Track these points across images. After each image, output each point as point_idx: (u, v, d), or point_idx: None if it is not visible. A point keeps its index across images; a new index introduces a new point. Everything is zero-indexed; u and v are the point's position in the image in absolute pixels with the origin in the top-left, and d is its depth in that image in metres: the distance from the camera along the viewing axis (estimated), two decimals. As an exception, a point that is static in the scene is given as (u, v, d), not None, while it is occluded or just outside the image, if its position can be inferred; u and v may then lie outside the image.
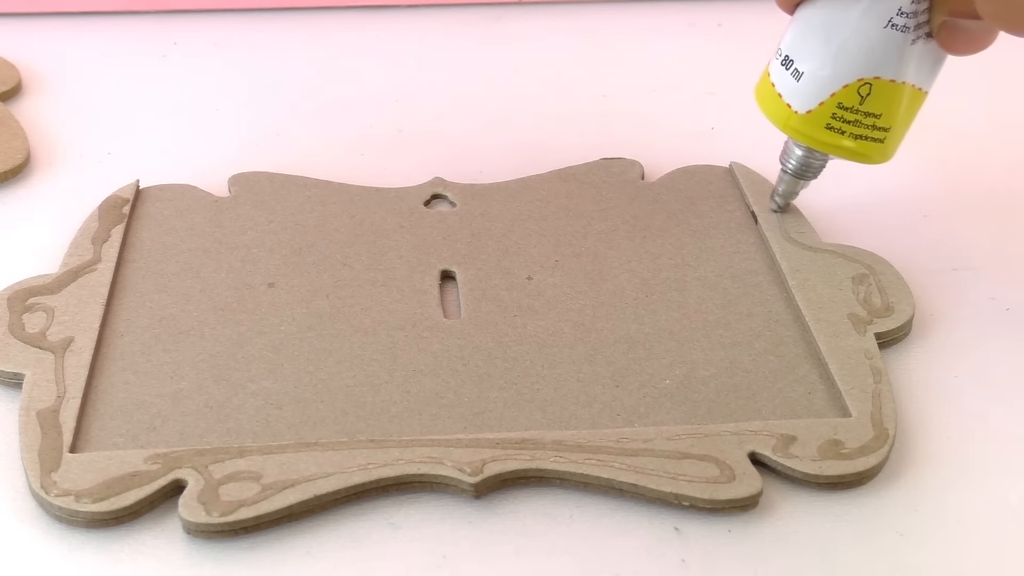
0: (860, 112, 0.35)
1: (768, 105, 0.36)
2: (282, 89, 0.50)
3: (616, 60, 0.53)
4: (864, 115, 0.35)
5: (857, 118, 0.35)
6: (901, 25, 0.33)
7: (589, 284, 0.37)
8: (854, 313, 0.35)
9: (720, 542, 0.29)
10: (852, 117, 0.35)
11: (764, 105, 0.37)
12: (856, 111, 0.35)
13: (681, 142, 0.46)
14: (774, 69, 0.36)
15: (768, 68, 0.37)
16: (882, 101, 0.35)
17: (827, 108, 0.35)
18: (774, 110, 0.36)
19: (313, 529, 0.29)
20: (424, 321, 0.35)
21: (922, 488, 0.31)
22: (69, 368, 0.33)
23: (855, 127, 0.35)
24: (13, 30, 0.53)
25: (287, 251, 0.38)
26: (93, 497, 0.29)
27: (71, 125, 0.46)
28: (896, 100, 0.35)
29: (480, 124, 0.47)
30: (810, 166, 0.38)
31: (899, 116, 0.35)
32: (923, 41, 0.34)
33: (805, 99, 0.35)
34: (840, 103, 0.35)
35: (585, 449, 0.30)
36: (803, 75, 0.35)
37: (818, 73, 0.35)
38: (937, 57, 0.35)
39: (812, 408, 0.32)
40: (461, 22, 0.56)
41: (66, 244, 0.38)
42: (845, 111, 0.35)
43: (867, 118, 0.35)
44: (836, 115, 0.35)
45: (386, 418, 0.32)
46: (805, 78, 0.35)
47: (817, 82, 0.35)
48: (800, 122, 0.36)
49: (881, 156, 0.36)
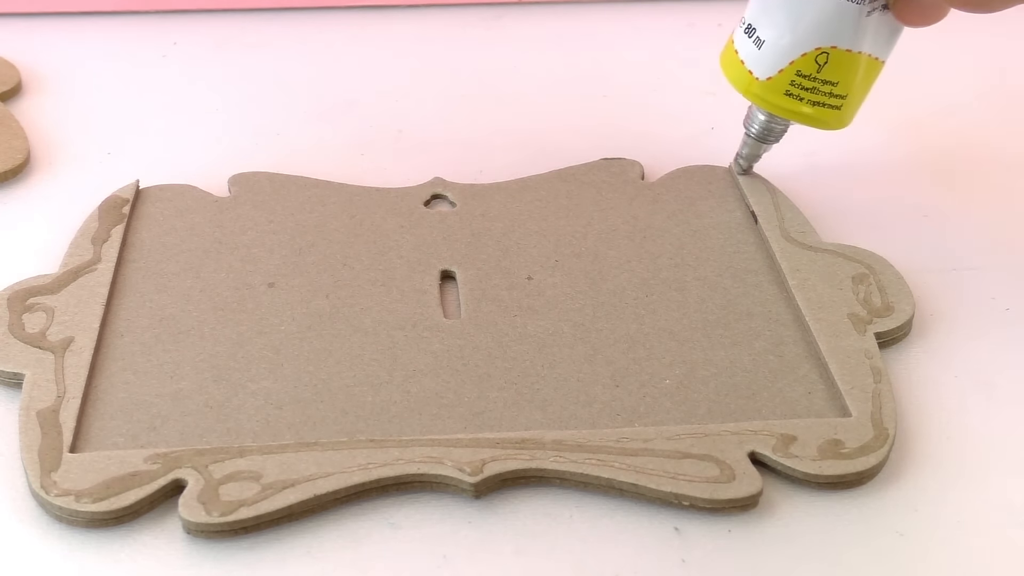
0: (818, 80, 0.36)
1: (731, 71, 0.38)
2: (282, 89, 0.50)
3: (616, 60, 0.53)
4: (821, 83, 0.36)
5: (815, 85, 0.37)
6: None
7: (589, 284, 0.37)
8: (854, 313, 0.35)
9: (720, 542, 0.29)
10: (810, 84, 0.37)
11: (728, 71, 0.38)
12: (814, 79, 0.36)
13: (681, 142, 0.46)
14: (738, 37, 0.38)
15: (732, 36, 0.38)
16: (839, 70, 0.36)
17: (786, 75, 0.37)
18: (737, 76, 0.38)
19: (313, 529, 0.29)
20: (424, 321, 0.35)
21: (922, 488, 0.31)
22: (69, 368, 0.33)
23: (813, 94, 0.37)
24: (13, 30, 0.53)
25: (287, 251, 0.38)
26: (93, 497, 0.29)
27: (71, 125, 0.46)
28: (852, 69, 0.36)
29: (480, 124, 0.47)
30: (772, 130, 0.39)
31: (855, 84, 0.37)
32: (879, 12, 0.35)
33: (766, 66, 0.37)
34: (799, 71, 0.36)
35: (585, 449, 0.30)
36: (764, 43, 0.37)
37: (778, 42, 0.36)
38: (893, 28, 0.36)
39: (812, 408, 0.32)
40: (461, 22, 0.56)
41: (66, 244, 0.38)
42: (803, 78, 0.36)
43: (824, 86, 0.36)
44: (795, 82, 0.37)
45: (386, 418, 0.32)
46: (766, 46, 0.37)
47: (777, 50, 0.36)
48: (761, 88, 0.37)
49: (838, 122, 0.38)
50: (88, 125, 0.47)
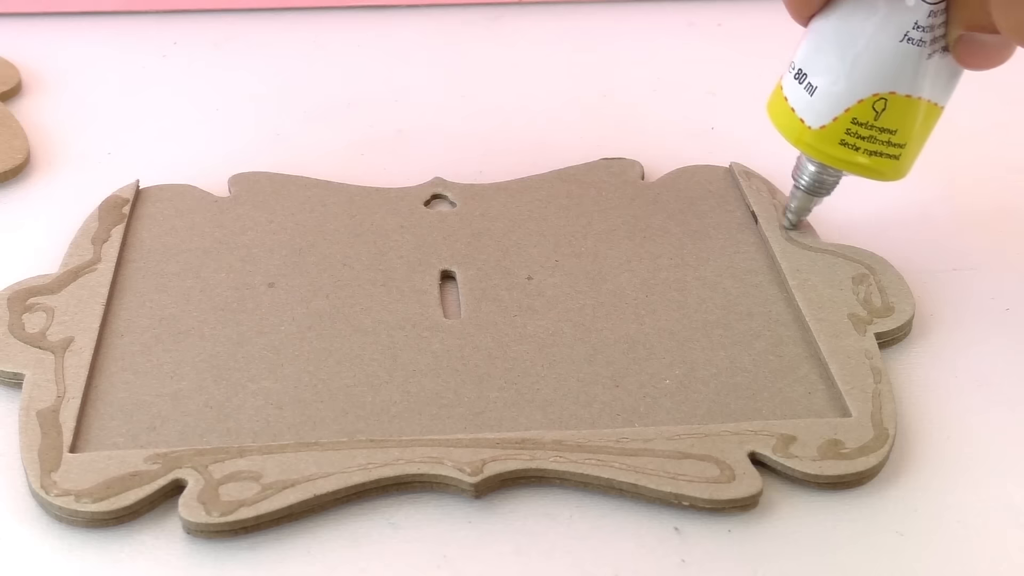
0: (875, 128, 0.34)
1: (781, 119, 0.36)
2: (282, 89, 0.50)
3: (616, 60, 0.53)
4: (879, 131, 0.34)
5: (872, 134, 0.34)
6: (917, 39, 0.33)
7: (589, 284, 0.37)
8: (854, 313, 0.35)
9: (720, 542, 0.29)
10: (867, 133, 0.34)
11: (776, 119, 0.36)
12: (871, 127, 0.34)
13: (681, 142, 0.46)
14: (787, 83, 0.35)
15: (781, 82, 0.36)
16: (897, 117, 0.34)
17: (841, 123, 0.34)
18: (787, 125, 0.35)
19: (313, 529, 0.29)
20: (424, 321, 0.35)
21: (922, 488, 0.31)
22: (69, 368, 0.33)
23: (870, 143, 0.34)
24: (13, 30, 0.53)
25: (287, 251, 0.38)
26: (93, 497, 0.29)
27: (71, 125, 0.46)
28: (912, 116, 0.34)
29: (480, 124, 0.47)
30: (823, 182, 0.37)
31: (914, 132, 0.34)
32: (939, 55, 0.33)
33: (819, 114, 0.34)
34: (854, 118, 0.34)
35: (585, 449, 0.30)
36: (817, 89, 0.34)
37: (832, 88, 0.34)
38: (953, 72, 0.34)
39: (812, 408, 0.32)
40: (461, 22, 0.56)
41: (66, 244, 0.38)
42: (859, 127, 0.34)
43: (882, 134, 0.34)
44: (850, 131, 0.34)
45: (386, 418, 0.32)
46: (819, 92, 0.34)
47: (831, 97, 0.34)
48: (813, 137, 0.35)
49: (895, 173, 0.35)
50: (88, 125, 0.47)
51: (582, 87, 0.50)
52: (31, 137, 0.45)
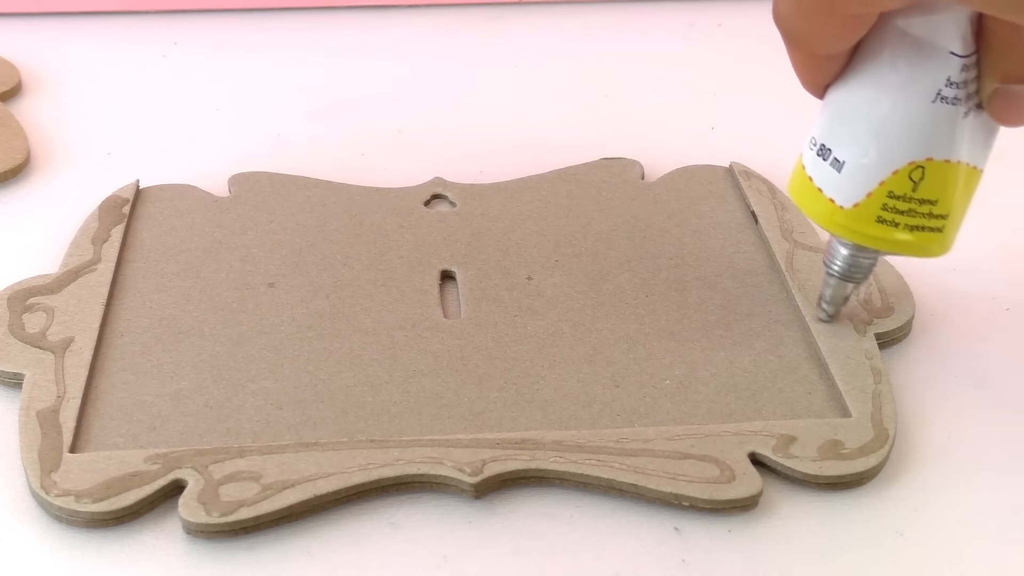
0: (914, 200, 0.30)
1: (807, 201, 0.32)
2: (282, 89, 0.50)
3: (616, 60, 0.53)
4: (918, 203, 0.31)
5: (911, 207, 0.31)
6: (951, 97, 0.29)
7: (589, 284, 0.37)
8: (854, 313, 0.35)
9: (720, 542, 0.29)
10: (905, 206, 0.31)
11: (803, 201, 0.32)
12: (909, 199, 0.30)
13: (681, 142, 0.46)
14: (809, 160, 0.32)
15: (801, 160, 0.32)
16: (937, 185, 0.30)
17: (876, 199, 0.31)
18: (815, 207, 0.32)
19: (313, 529, 0.29)
20: (424, 321, 0.35)
21: (922, 488, 0.31)
22: (69, 368, 0.33)
23: (910, 217, 0.31)
24: (13, 30, 0.53)
25: (287, 251, 0.38)
26: (93, 497, 0.29)
27: (71, 125, 0.46)
28: (952, 182, 0.31)
29: (480, 124, 0.47)
30: (859, 266, 0.33)
31: (956, 200, 0.31)
32: (974, 113, 0.30)
33: (850, 191, 0.31)
34: (891, 192, 0.30)
35: (585, 449, 0.30)
36: (845, 164, 0.31)
37: (862, 161, 0.30)
38: (989, 130, 0.31)
39: (812, 408, 0.32)
40: (461, 22, 0.56)
41: (66, 244, 0.38)
42: (897, 200, 0.30)
43: (922, 205, 0.31)
44: (887, 206, 0.31)
45: (386, 418, 0.32)
46: (848, 168, 0.31)
47: (862, 171, 0.31)
48: (847, 217, 0.31)
49: (940, 247, 0.32)
50: (88, 125, 0.47)
51: (582, 87, 0.50)
52: (31, 137, 0.45)
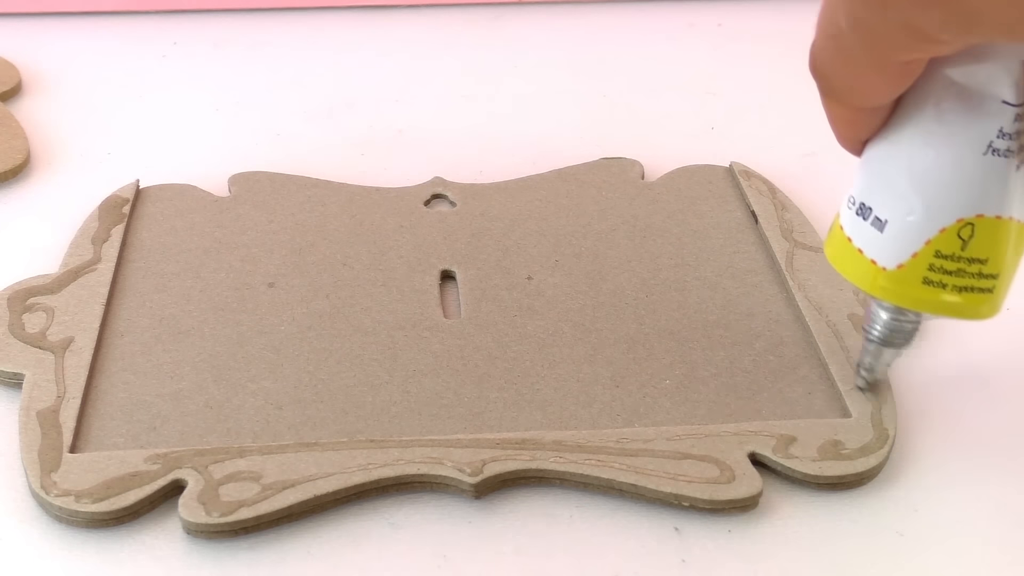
0: (963, 259, 0.28)
1: (846, 264, 0.30)
2: (282, 89, 0.50)
3: (616, 60, 0.53)
4: (967, 262, 0.28)
5: (960, 267, 0.28)
6: (1004, 149, 0.27)
7: (589, 284, 0.37)
8: (854, 313, 0.35)
9: (720, 542, 0.29)
10: (954, 267, 0.28)
11: (841, 264, 0.30)
12: (958, 258, 0.28)
13: (681, 142, 0.46)
14: (847, 220, 0.30)
15: (839, 220, 0.30)
16: (988, 243, 0.28)
17: (922, 259, 0.29)
18: (855, 269, 0.30)
19: (313, 529, 0.29)
20: (424, 321, 0.35)
21: (922, 488, 0.31)
22: (69, 368, 0.33)
23: (958, 278, 0.29)
24: (13, 30, 0.53)
25: (287, 251, 0.38)
26: (93, 497, 0.29)
27: (71, 125, 0.46)
28: (1003, 240, 0.28)
29: (480, 124, 0.47)
30: (901, 330, 0.31)
31: (1008, 258, 0.29)
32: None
33: (894, 252, 0.29)
34: (938, 251, 0.28)
35: (585, 449, 0.30)
36: (888, 224, 0.29)
37: (907, 219, 0.28)
38: None
39: (812, 408, 0.32)
40: (461, 22, 0.56)
41: (66, 244, 0.38)
42: (945, 260, 0.28)
43: (971, 265, 0.28)
44: (934, 266, 0.29)
45: (386, 418, 0.32)
46: (891, 227, 0.29)
47: (907, 230, 0.28)
48: (890, 280, 0.29)
49: (990, 309, 0.29)
50: (88, 125, 0.47)
51: (582, 87, 0.50)
52: (31, 137, 0.45)
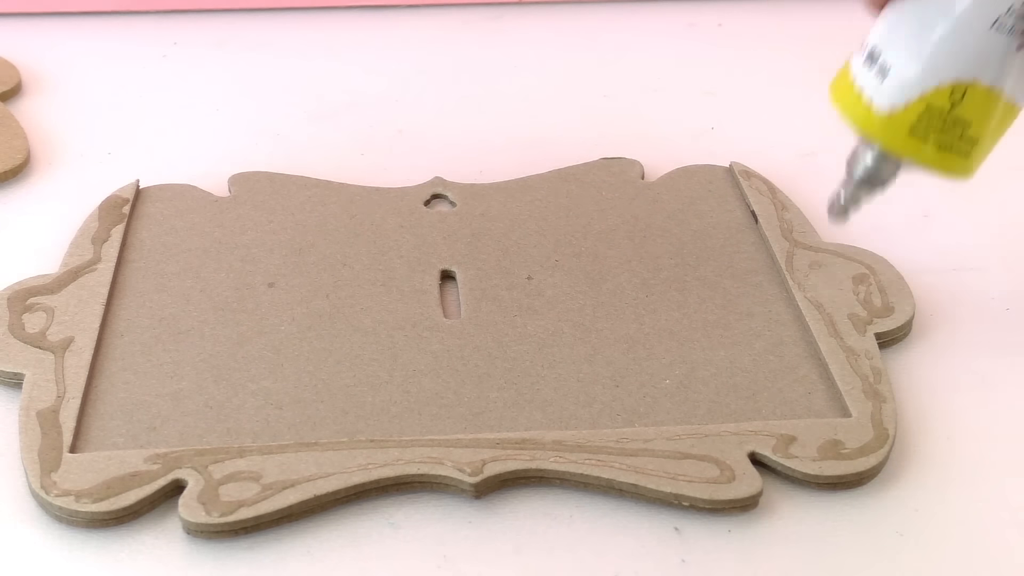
0: (949, 118, 0.31)
1: (844, 101, 0.32)
2: (282, 89, 0.50)
3: (616, 60, 0.53)
4: (954, 122, 0.31)
5: (945, 125, 0.31)
6: (1009, 27, 0.30)
7: (589, 284, 0.37)
8: (854, 313, 0.35)
9: (720, 542, 0.29)
10: (939, 123, 0.31)
11: (840, 101, 0.33)
12: (945, 117, 0.31)
13: (681, 142, 0.46)
14: (856, 63, 0.32)
15: (849, 62, 0.33)
16: (975, 109, 0.31)
17: (913, 110, 0.31)
18: (852, 108, 0.32)
19: (313, 529, 0.29)
20: (424, 321, 0.35)
21: (922, 488, 0.31)
22: (69, 368, 0.33)
23: (941, 134, 0.31)
24: (13, 30, 0.53)
25: (287, 251, 0.38)
26: (93, 497, 0.29)
27: (71, 125, 0.46)
28: (990, 110, 0.31)
29: (480, 124, 0.47)
30: (879, 174, 0.33)
31: (989, 129, 0.31)
32: None
33: (890, 98, 0.31)
34: (929, 105, 0.31)
35: (585, 449, 0.30)
36: (890, 71, 0.31)
37: (908, 71, 0.31)
38: None
39: (812, 408, 0.32)
40: (461, 22, 0.56)
41: (66, 244, 0.38)
42: (933, 115, 0.31)
43: (956, 126, 0.31)
44: (923, 118, 0.31)
45: (386, 418, 0.32)
46: (892, 75, 0.31)
47: (906, 81, 0.31)
48: (881, 123, 0.32)
49: (963, 171, 0.32)
50: (88, 125, 0.47)
51: (582, 87, 0.50)
52: (31, 137, 0.45)
